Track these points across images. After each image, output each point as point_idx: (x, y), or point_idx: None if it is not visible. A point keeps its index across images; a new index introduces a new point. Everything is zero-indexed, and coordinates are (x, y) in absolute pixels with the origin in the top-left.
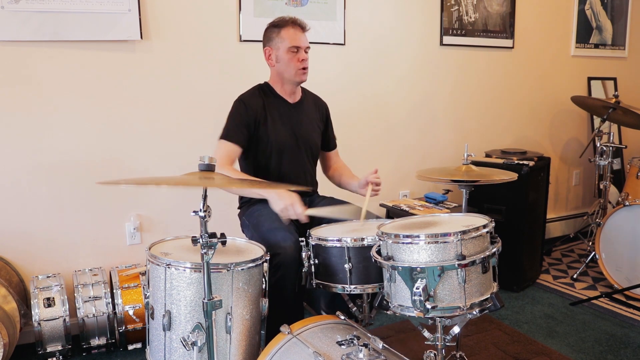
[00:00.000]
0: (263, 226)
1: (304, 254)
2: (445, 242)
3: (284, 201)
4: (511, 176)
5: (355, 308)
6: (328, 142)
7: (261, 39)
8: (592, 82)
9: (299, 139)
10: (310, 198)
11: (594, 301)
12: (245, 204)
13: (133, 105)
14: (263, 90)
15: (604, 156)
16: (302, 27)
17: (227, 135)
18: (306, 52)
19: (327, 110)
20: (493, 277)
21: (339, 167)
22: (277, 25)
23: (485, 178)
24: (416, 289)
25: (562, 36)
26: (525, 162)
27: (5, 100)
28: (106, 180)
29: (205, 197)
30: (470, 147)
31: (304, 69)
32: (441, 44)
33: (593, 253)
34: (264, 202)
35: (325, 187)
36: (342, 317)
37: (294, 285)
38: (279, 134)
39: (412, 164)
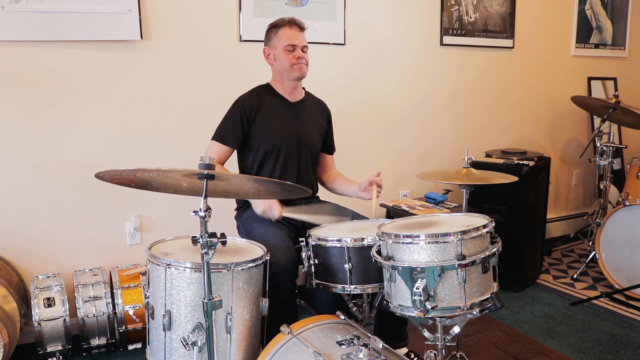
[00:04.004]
0: (255, 235)
1: (303, 254)
2: (445, 242)
3: (262, 204)
4: (511, 179)
5: (355, 308)
6: (327, 146)
7: (261, 39)
8: (592, 82)
9: (297, 138)
10: (308, 201)
11: (594, 301)
12: (240, 208)
13: (133, 105)
14: (262, 90)
15: (604, 156)
16: (300, 27)
17: (218, 136)
18: (304, 51)
19: (329, 115)
20: (493, 277)
21: (333, 172)
22: (276, 26)
23: (485, 182)
24: (416, 289)
25: (562, 36)
26: (525, 162)
27: (5, 100)
28: (106, 170)
29: (205, 197)
30: (471, 147)
31: (300, 63)
32: (441, 44)
33: (593, 253)
34: None
35: (327, 192)
36: (342, 317)
37: (288, 292)
38: (276, 132)
39: (412, 164)
